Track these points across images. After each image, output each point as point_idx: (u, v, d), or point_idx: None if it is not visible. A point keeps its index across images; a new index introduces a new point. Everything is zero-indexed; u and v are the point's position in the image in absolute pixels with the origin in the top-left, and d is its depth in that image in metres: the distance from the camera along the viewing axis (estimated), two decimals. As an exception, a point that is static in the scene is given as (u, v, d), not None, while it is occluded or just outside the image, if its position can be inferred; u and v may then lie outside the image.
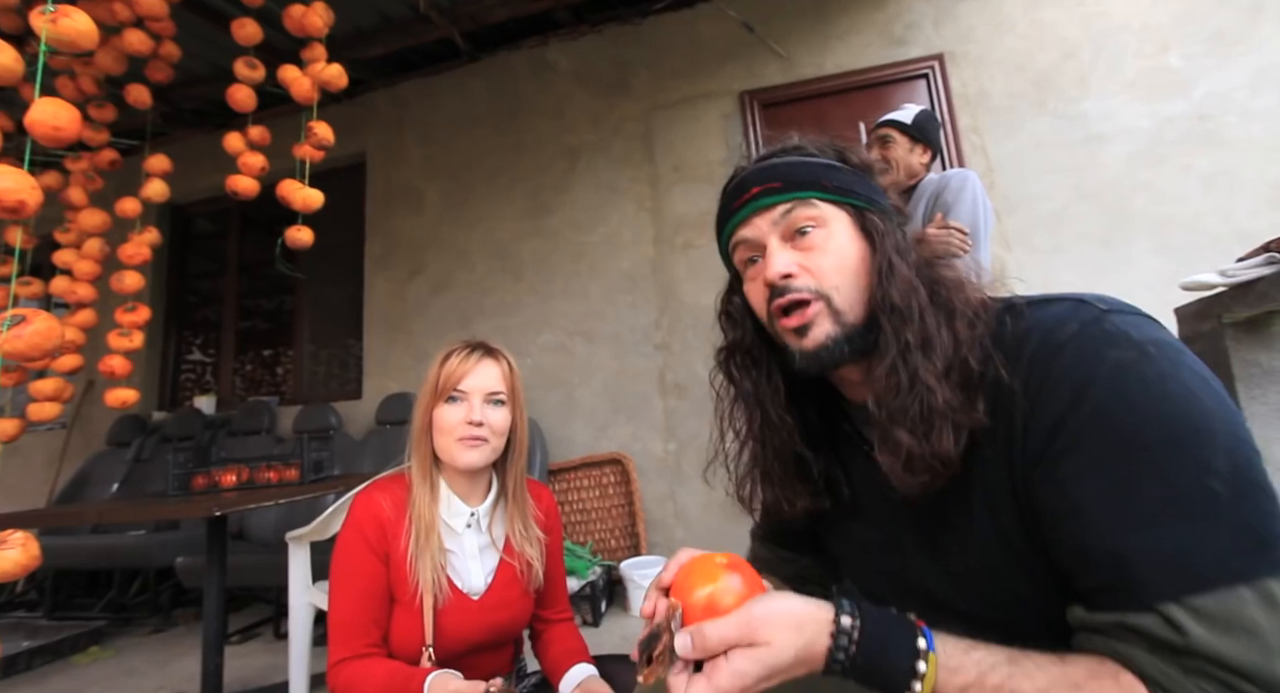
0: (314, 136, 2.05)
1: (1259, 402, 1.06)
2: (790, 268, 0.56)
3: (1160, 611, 0.38)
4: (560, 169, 3.40)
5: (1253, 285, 1.02)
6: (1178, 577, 0.38)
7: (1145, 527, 0.39)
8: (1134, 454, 0.41)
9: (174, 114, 3.82)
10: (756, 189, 0.59)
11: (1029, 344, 0.48)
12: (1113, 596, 0.41)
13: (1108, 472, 0.41)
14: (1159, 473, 0.40)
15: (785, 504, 0.63)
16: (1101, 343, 0.44)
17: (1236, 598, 0.37)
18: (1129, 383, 0.42)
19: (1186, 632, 0.37)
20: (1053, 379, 0.45)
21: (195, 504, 1.70)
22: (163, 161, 2.26)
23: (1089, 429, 0.42)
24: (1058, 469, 0.44)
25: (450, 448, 0.99)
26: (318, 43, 2.16)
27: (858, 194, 0.58)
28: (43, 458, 3.97)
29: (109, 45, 2.04)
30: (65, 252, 2.17)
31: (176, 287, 4.34)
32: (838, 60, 3.04)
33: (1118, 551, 0.40)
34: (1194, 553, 0.38)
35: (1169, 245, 2.53)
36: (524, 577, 1.06)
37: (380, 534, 0.99)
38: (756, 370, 0.63)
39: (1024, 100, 2.79)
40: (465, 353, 1.02)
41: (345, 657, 0.94)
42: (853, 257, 0.56)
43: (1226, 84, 2.56)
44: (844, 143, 0.62)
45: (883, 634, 0.43)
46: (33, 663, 2.48)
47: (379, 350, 3.59)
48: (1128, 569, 0.40)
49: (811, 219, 0.57)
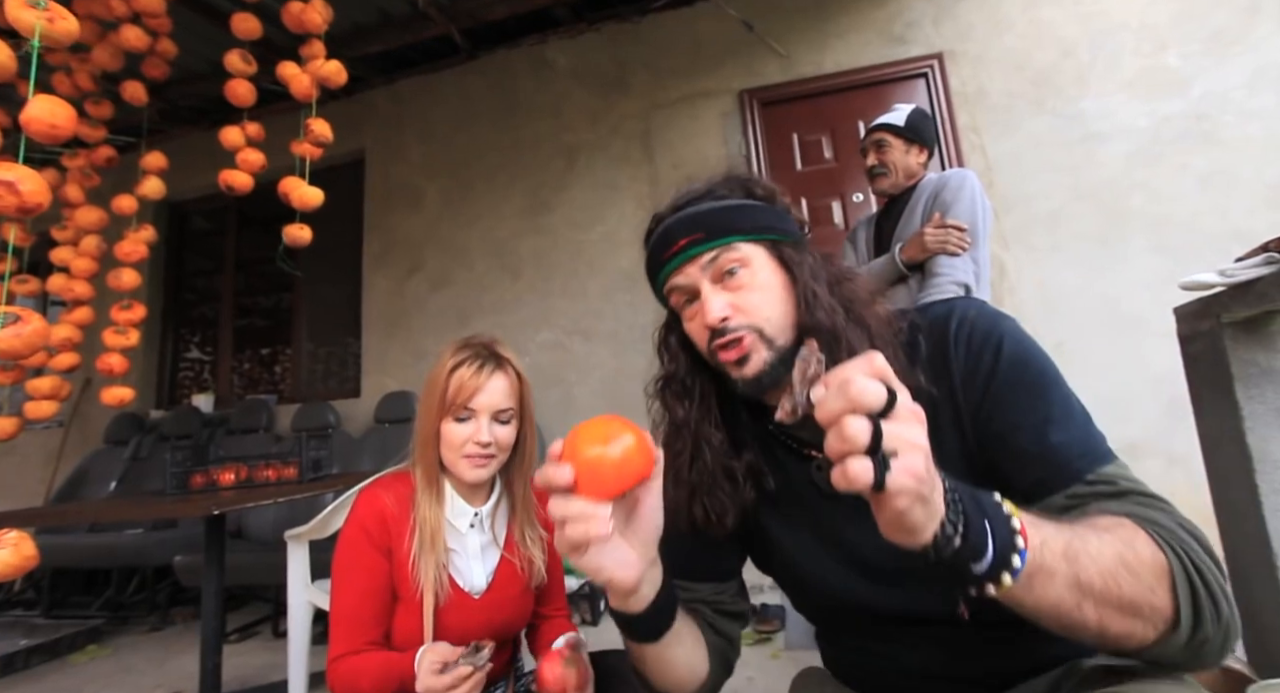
0: (312, 134, 2.04)
1: (1257, 401, 1.06)
2: (725, 311, 0.63)
3: (1089, 479, 0.54)
4: (559, 167, 3.39)
5: (1252, 285, 1.02)
6: (1089, 456, 0.55)
7: (1058, 428, 0.56)
8: (1038, 384, 0.58)
9: (171, 111, 3.81)
10: (684, 241, 0.65)
11: (951, 325, 0.62)
12: (1054, 480, 0.55)
13: (1027, 398, 0.58)
14: (1054, 396, 0.58)
15: (715, 518, 0.67)
16: (993, 317, 0.62)
17: (1122, 466, 0.55)
18: (1019, 339, 0.61)
19: (1115, 481, 0.53)
20: (975, 343, 0.61)
21: (193, 503, 1.69)
22: (159, 159, 2.25)
23: (1008, 373, 0.59)
24: (1000, 404, 0.59)
25: (456, 463, 1.00)
26: (316, 39, 2.15)
27: (771, 229, 0.66)
28: (40, 456, 3.96)
29: (106, 41, 2.03)
30: (62, 249, 2.16)
31: (174, 284, 4.33)
32: (837, 59, 3.04)
33: (1049, 445, 0.55)
34: (1089, 440, 0.56)
35: (1166, 245, 2.53)
36: (525, 573, 1.06)
37: (383, 531, 0.99)
38: (689, 399, 0.70)
39: (1022, 99, 2.79)
40: (476, 367, 1.00)
41: (345, 652, 0.94)
42: (777, 288, 0.64)
43: (1224, 83, 2.57)
44: (745, 176, 0.69)
45: (972, 498, 0.43)
46: (30, 662, 2.47)
47: (377, 348, 3.58)
48: (1059, 456, 0.55)
49: (736, 261, 0.64)
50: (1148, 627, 0.46)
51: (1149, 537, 0.47)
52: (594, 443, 0.49)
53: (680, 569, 0.73)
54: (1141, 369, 2.41)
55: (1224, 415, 1.09)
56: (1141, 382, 2.39)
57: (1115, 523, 0.48)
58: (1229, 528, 1.14)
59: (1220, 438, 1.12)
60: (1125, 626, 0.45)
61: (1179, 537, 0.48)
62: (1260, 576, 1.04)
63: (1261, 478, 1.04)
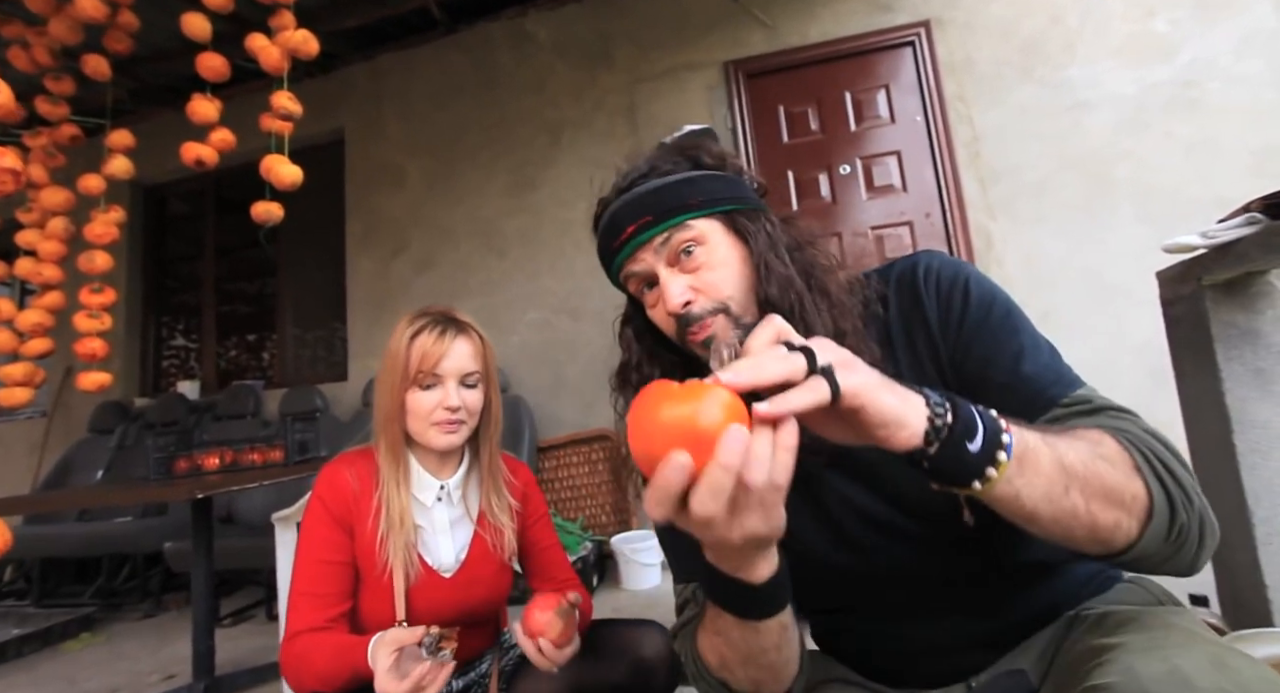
0: (278, 108, 1.97)
1: (1236, 362, 1.06)
2: (685, 295, 0.60)
3: (1063, 403, 0.55)
4: (543, 144, 3.33)
5: (1233, 246, 1.01)
6: (1059, 382, 0.57)
7: (1029, 359, 0.58)
8: (1006, 321, 0.60)
9: (142, 91, 3.68)
10: (631, 227, 0.62)
11: (919, 275, 0.63)
12: (1031, 407, 0.55)
13: (998, 335, 0.59)
14: (1021, 329, 0.60)
15: None
16: (954, 264, 0.64)
17: (1090, 389, 0.57)
18: (981, 281, 0.62)
19: (1088, 400, 0.55)
20: (944, 289, 0.62)
21: (177, 487, 1.68)
22: (125, 137, 2.18)
23: (977, 312, 0.60)
24: (973, 343, 0.60)
25: (426, 433, 0.97)
26: (285, 9, 2.08)
27: (723, 199, 0.63)
28: (24, 447, 3.91)
29: (62, 13, 1.95)
30: (28, 231, 2.09)
31: (153, 271, 4.24)
32: (823, 28, 2.99)
33: (1023, 376, 0.57)
34: (1057, 368, 0.58)
35: (1150, 214, 2.53)
36: (497, 550, 1.03)
37: (344, 507, 0.96)
38: None
39: (1010, 67, 2.76)
40: (437, 332, 0.97)
41: (301, 629, 0.90)
42: (735, 262, 0.62)
43: (1212, 49, 2.55)
44: (692, 144, 0.66)
45: (965, 406, 0.45)
46: (23, 650, 2.47)
47: (363, 331, 3.55)
48: (1033, 385, 0.57)
49: (690, 240, 0.61)
50: (1131, 518, 0.47)
51: (1113, 436, 0.50)
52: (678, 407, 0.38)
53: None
54: (1124, 338, 2.43)
55: (1204, 377, 1.10)
56: (1125, 350, 2.41)
57: (1083, 430, 0.50)
58: (1207, 488, 1.15)
59: (1200, 400, 1.13)
60: (1111, 516, 0.46)
61: (1142, 438, 0.51)
62: (1238, 534, 1.05)
63: (1239, 438, 1.05)
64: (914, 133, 2.87)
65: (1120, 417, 0.54)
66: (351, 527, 0.96)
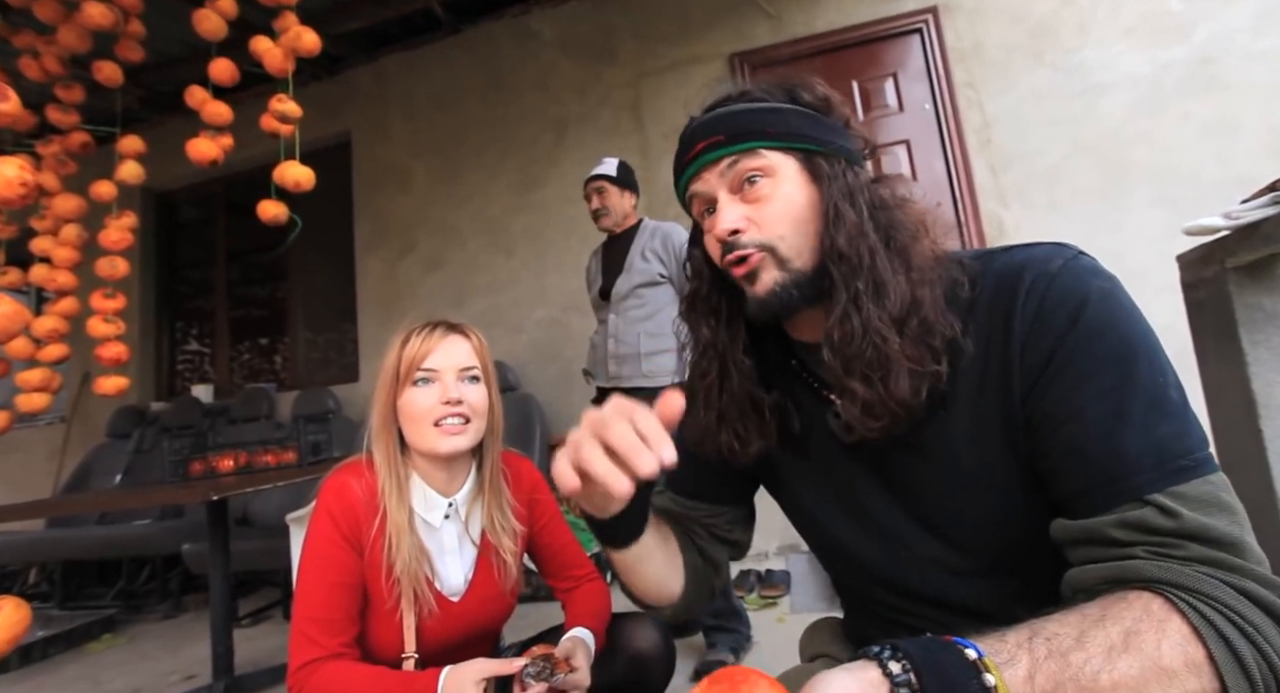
0: (276, 110, 1.98)
1: (1262, 346, 1.04)
2: (737, 223, 0.57)
3: (1152, 500, 0.43)
4: (549, 141, 3.33)
5: (1257, 227, 0.98)
6: (1161, 469, 0.44)
7: (1132, 426, 0.45)
8: (1120, 367, 0.46)
9: (151, 98, 3.72)
10: (702, 144, 0.59)
11: (1026, 274, 0.51)
12: (1105, 493, 0.45)
13: (1100, 380, 0.47)
14: (1139, 382, 0.46)
15: (739, 445, 0.63)
16: (1086, 273, 0.50)
17: (1208, 484, 0.43)
18: (1111, 306, 0.48)
19: (1179, 515, 0.42)
20: (1051, 301, 0.49)
21: (193, 489, 1.70)
22: (135, 143, 2.19)
23: (1084, 344, 0.48)
24: (1063, 379, 0.48)
25: (426, 437, 0.88)
26: (289, 11, 2.08)
27: (805, 137, 0.58)
28: (44, 452, 3.98)
29: (71, 22, 1.96)
30: (43, 239, 2.11)
31: (167, 276, 4.30)
32: (829, 17, 2.95)
33: (1113, 447, 0.45)
34: (1171, 447, 0.44)
35: (1168, 196, 2.48)
36: (500, 574, 0.97)
37: (353, 524, 0.89)
38: (715, 318, 0.64)
39: (1021, 52, 2.71)
40: (427, 331, 0.91)
41: (317, 657, 0.82)
42: (799, 204, 0.57)
43: (1228, 25, 2.49)
44: (798, 80, 0.60)
45: (933, 661, 0.39)
46: (48, 652, 2.51)
47: (373, 332, 3.56)
48: (1122, 462, 0.44)
49: (757, 169, 0.57)
50: None
51: (1180, 625, 0.39)
52: None
53: (681, 485, 0.72)
54: (1144, 325, 2.39)
55: (1228, 362, 1.07)
56: (1144, 337, 2.37)
57: (1133, 616, 0.40)
58: (1232, 475, 1.12)
59: (1224, 385, 1.10)
60: None
61: (1233, 616, 0.39)
62: (1266, 522, 1.02)
63: (1266, 423, 1.02)
64: (923, 121, 2.83)
65: (1212, 558, 0.41)
66: (361, 546, 0.89)
